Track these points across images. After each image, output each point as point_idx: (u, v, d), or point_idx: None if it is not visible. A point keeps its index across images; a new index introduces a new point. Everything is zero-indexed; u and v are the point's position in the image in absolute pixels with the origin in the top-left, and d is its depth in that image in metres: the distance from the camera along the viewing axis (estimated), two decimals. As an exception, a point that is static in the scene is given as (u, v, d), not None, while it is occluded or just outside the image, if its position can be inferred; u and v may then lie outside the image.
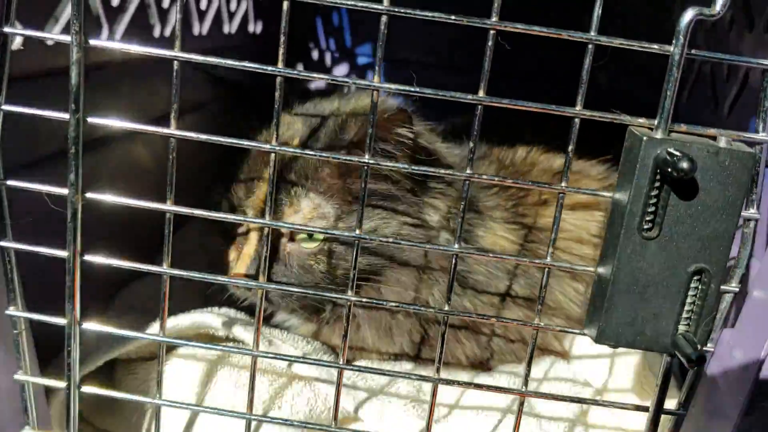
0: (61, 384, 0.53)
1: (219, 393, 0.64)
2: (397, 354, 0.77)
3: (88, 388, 0.54)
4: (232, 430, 0.62)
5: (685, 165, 0.40)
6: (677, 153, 0.41)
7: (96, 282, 0.54)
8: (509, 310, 0.79)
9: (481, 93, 0.45)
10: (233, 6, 1.21)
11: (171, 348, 0.68)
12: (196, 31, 1.06)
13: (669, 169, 0.41)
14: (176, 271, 0.50)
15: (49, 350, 0.59)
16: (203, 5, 1.06)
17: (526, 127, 0.92)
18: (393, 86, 0.45)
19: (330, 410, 0.66)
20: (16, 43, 0.58)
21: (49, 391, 0.60)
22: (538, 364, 0.79)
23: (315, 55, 1.55)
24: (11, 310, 0.52)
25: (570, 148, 0.46)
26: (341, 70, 1.55)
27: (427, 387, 0.72)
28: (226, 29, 1.20)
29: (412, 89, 0.45)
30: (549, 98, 0.46)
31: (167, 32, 0.92)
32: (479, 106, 0.45)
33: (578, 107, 0.45)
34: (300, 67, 1.53)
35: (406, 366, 0.75)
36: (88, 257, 0.50)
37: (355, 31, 1.53)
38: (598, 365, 0.79)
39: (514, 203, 0.81)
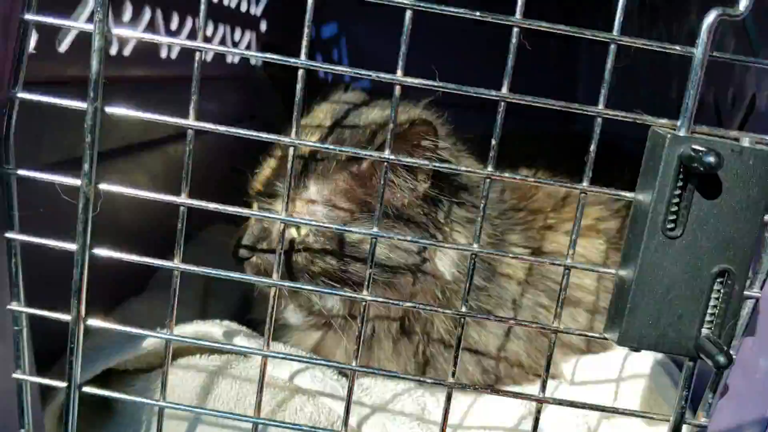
0: (61, 384, 0.51)
1: (220, 405, 0.62)
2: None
3: (89, 389, 0.52)
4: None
5: (711, 159, 0.40)
6: (702, 148, 0.41)
7: (95, 295, 0.52)
8: (510, 342, 0.78)
9: (504, 90, 0.45)
10: (237, 36, 1.22)
11: (171, 358, 0.66)
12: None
13: (695, 165, 0.41)
14: (186, 266, 0.49)
15: (46, 360, 0.57)
16: (209, 32, 1.06)
17: (530, 157, 0.92)
18: (416, 80, 0.45)
19: (333, 425, 0.64)
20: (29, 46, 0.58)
21: (44, 399, 0.58)
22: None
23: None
24: (14, 306, 0.50)
25: (592, 147, 0.46)
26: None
27: (432, 407, 0.70)
28: (228, 59, 1.21)
29: (435, 84, 0.45)
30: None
31: (173, 55, 0.93)
32: (502, 103, 0.45)
33: (600, 106, 0.45)
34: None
35: (410, 385, 0.74)
36: (97, 251, 0.48)
37: (354, 67, 1.55)
38: (603, 391, 0.77)
39: (523, 228, 0.81)
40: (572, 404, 0.51)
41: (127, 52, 0.78)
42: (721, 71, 0.80)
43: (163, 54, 0.90)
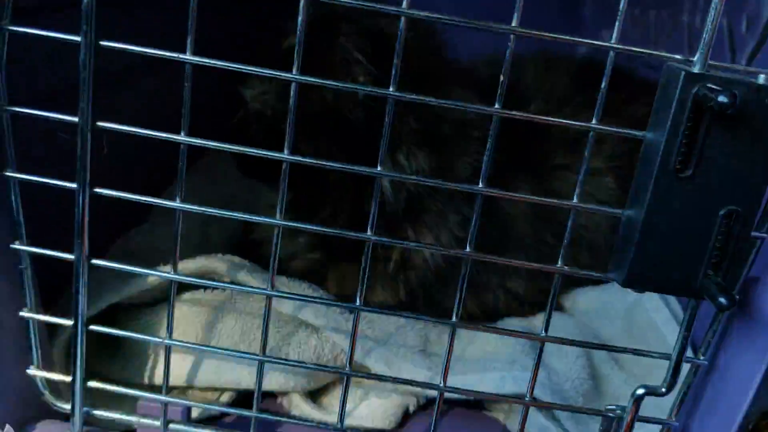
0: (68, 322, 0.51)
1: (225, 340, 0.63)
2: (399, 304, 0.75)
3: (96, 327, 0.52)
4: (236, 377, 0.61)
5: (726, 99, 0.39)
6: (718, 87, 0.40)
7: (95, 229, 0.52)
8: (510, 281, 0.79)
9: (514, 23, 0.43)
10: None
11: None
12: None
13: (709, 104, 0.40)
14: (189, 206, 0.48)
15: (50, 293, 0.57)
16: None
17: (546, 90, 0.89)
18: (422, 13, 0.43)
19: (336, 358, 0.65)
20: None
21: (51, 334, 0.58)
22: (538, 319, 0.78)
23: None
24: (16, 245, 0.50)
25: (603, 84, 0.45)
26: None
27: (434, 338, 0.71)
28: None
29: (443, 17, 0.43)
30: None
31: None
32: (512, 36, 0.43)
33: (613, 41, 0.44)
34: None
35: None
36: (97, 189, 0.48)
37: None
38: (603, 321, 0.78)
39: (534, 167, 0.79)
40: (573, 343, 0.51)
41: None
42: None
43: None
